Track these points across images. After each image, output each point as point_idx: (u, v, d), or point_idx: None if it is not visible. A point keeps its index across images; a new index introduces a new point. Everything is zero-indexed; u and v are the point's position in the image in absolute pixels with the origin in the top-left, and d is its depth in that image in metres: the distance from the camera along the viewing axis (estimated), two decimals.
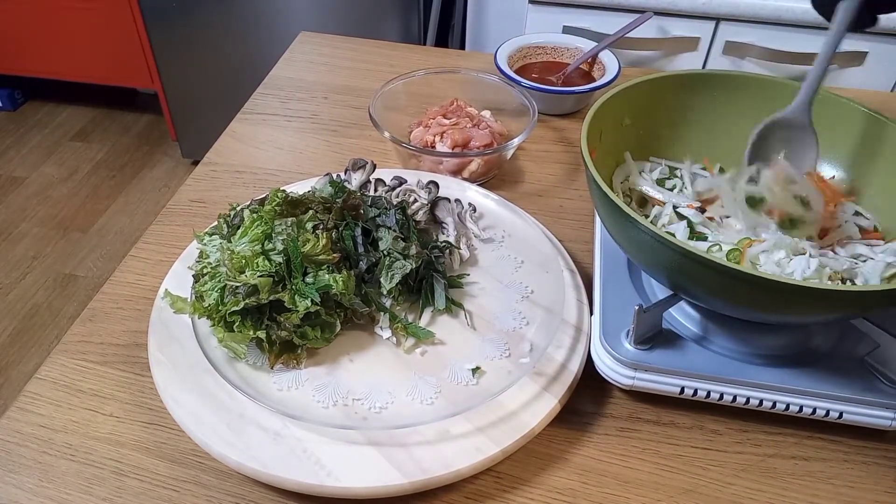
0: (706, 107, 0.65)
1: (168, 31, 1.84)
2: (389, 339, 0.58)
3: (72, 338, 0.61)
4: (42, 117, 2.46)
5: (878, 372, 0.53)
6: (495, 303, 0.62)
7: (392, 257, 0.59)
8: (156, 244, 0.71)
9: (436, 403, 0.53)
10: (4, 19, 2.14)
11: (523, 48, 0.96)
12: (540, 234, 0.67)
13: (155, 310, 0.59)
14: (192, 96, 1.98)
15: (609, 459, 0.53)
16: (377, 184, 0.71)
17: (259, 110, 0.92)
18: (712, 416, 0.56)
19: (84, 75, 2.26)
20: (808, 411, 0.52)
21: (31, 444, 0.53)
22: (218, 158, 0.83)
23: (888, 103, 0.98)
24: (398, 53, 1.05)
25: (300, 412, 0.51)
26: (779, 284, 0.43)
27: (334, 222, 0.59)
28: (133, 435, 0.54)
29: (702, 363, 0.53)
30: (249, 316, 0.54)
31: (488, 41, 1.56)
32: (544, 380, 0.54)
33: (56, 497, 0.50)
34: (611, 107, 0.59)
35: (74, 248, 1.96)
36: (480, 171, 0.77)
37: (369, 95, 0.81)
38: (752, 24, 1.31)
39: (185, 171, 2.21)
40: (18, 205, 2.09)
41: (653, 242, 0.47)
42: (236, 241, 0.57)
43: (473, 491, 0.51)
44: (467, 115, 0.81)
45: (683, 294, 0.53)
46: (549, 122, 0.90)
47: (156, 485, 0.51)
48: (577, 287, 0.62)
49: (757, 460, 0.53)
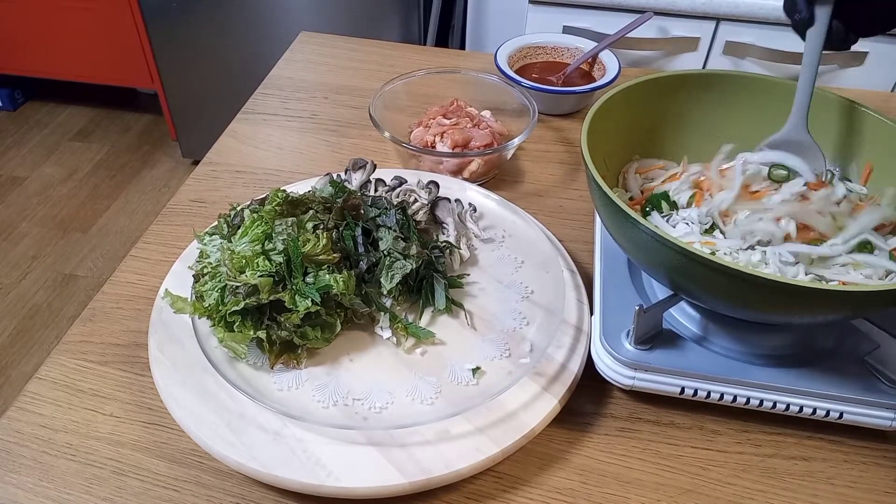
0: (706, 107, 0.65)
1: (168, 31, 1.84)
2: (389, 339, 0.58)
3: (72, 338, 0.61)
4: (42, 117, 2.46)
5: (878, 372, 0.53)
6: (495, 303, 0.62)
7: (392, 257, 0.59)
8: (156, 244, 0.71)
9: (436, 403, 0.53)
10: (4, 19, 2.14)
11: (523, 48, 0.96)
12: (540, 234, 0.67)
13: (155, 310, 0.59)
14: (192, 96, 1.98)
15: (609, 459, 0.53)
16: (377, 184, 0.71)
17: (259, 110, 0.92)
18: (712, 417, 0.56)
19: (84, 75, 2.26)
20: (808, 411, 0.52)
21: (31, 443, 0.53)
22: (218, 158, 0.83)
23: (888, 103, 0.98)
24: (398, 53, 1.05)
25: (300, 412, 0.51)
26: (779, 284, 0.43)
27: (334, 222, 0.59)
28: (133, 435, 0.54)
29: (702, 363, 0.53)
30: (250, 316, 0.54)
31: (488, 41, 1.56)
32: (544, 380, 0.54)
33: (56, 497, 0.50)
34: (611, 107, 0.59)
35: (74, 248, 1.96)
36: (480, 171, 0.77)
37: (369, 95, 0.81)
38: (752, 24, 1.31)
39: (185, 171, 2.21)
40: (18, 205, 2.09)
41: (653, 242, 0.47)
42: (236, 241, 0.57)
43: (473, 491, 0.51)
44: (467, 115, 0.81)
45: (683, 294, 0.53)
46: (549, 122, 0.90)
47: (156, 485, 0.51)
48: (577, 287, 0.62)
49: (757, 460, 0.53)
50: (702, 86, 0.64)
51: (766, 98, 0.63)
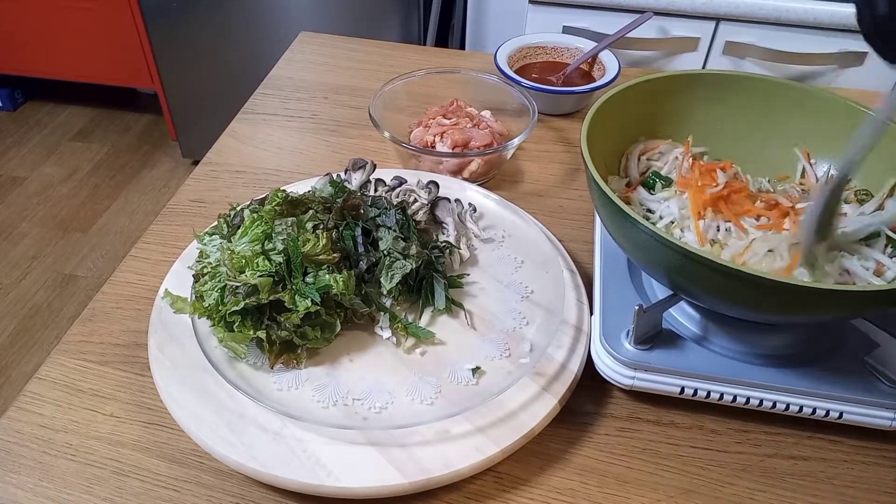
0: (706, 107, 0.65)
1: (168, 31, 1.84)
2: (389, 339, 0.58)
3: (72, 338, 0.61)
4: (42, 117, 2.46)
5: (878, 372, 0.53)
6: (495, 303, 0.62)
7: (392, 257, 0.59)
8: (156, 244, 0.71)
9: (436, 403, 0.53)
10: (4, 19, 2.14)
11: (523, 48, 0.96)
12: (540, 234, 0.67)
13: (155, 310, 0.59)
14: (192, 96, 1.98)
15: (609, 459, 0.53)
16: (377, 184, 0.71)
17: (259, 110, 0.92)
18: (712, 416, 0.56)
19: (84, 75, 2.26)
20: (808, 411, 0.52)
21: (31, 443, 0.53)
22: (218, 158, 0.83)
23: None
24: (398, 53, 1.05)
25: (300, 412, 0.51)
26: (779, 284, 0.43)
27: (334, 222, 0.59)
28: (133, 435, 0.54)
29: (702, 363, 0.53)
30: (249, 316, 0.54)
31: (488, 41, 1.56)
32: (544, 380, 0.54)
33: (56, 497, 0.50)
34: (611, 107, 0.59)
35: (74, 248, 1.96)
36: (480, 171, 0.77)
37: (369, 95, 0.81)
38: (752, 24, 1.31)
39: (185, 171, 2.21)
40: (18, 205, 2.09)
41: (653, 242, 0.47)
42: (236, 240, 0.57)
43: (473, 491, 0.51)
44: (467, 115, 0.81)
45: (683, 294, 0.53)
46: (549, 122, 0.90)
47: (156, 485, 0.51)
48: (577, 287, 0.62)
49: (757, 460, 0.53)
50: (702, 86, 0.64)
51: (766, 98, 0.63)
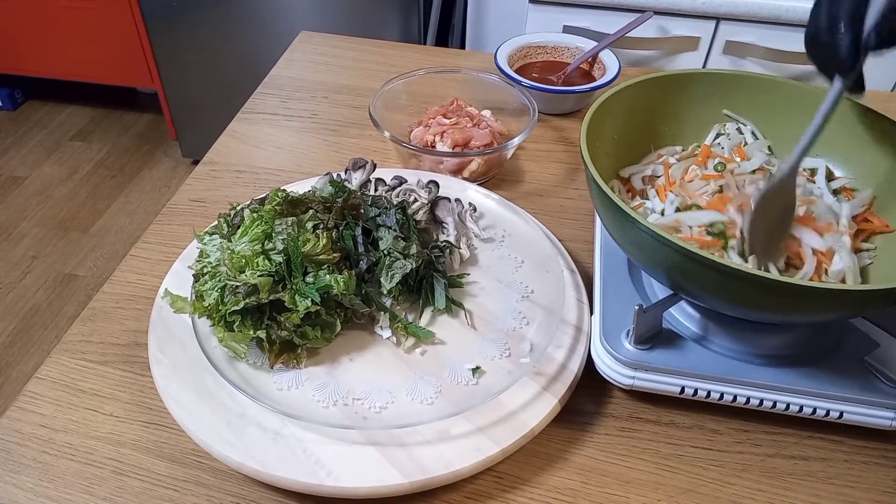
0: (706, 107, 0.65)
1: (168, 31, 1.84)
2: (389, 339, 0.58)
3: (72, 337, 0.61)
4: (42, 117, 2.46)
5: (878, 372, 0.53)
6: (495, 302, 0.62)
7: (392, 257, 0.59)
8: (156, 244, 0.71)
9: (436, 403, 0.53)
10: (4, 19, 2.14)
11: (523, 48, 0.96)
12: (540, 233, 0.67)
13: (155, 309, 0.59)
14: (192, 96, 1.98)
15: (609, 459, 0.53)
16: (377, 183, 0.71)
17: (259, 110, 0.92)
18: (712, 416, 0.56)
19: (84, 75, 2.26)
20: (808, 411, 0.52)
21: (31, 443, 0.53)
22: (218, 158, 0.83)
23: (888, 103, 0.98)
24: (398, 53, 1.05)
25: (300, 412, 0.51)
26: (779, 284, 0.43)
27: (334, 222, 0.59)
28: (133, 435, 0.54)
29: (702, 363, 0.53)
30: (249, 316, 0.54)
31: (488, 41, 1.56)
32: (544, 379, 0.54)
33: (56, 497, 0.50)
34: (611, 106, 0.59)
35: (74, 248, 1.96)
36: (480, 171, 0.77)
37: (369, 95, 0.81)
38: (752, 24, 1.31)
39: (185, 171, 2.21)
40: (18, 205, 2.09)
41: (653, 242, 0.47)
42: (236, 240, 0.57)
43: (473, 491, 0.51)
44: (467, 115, 0.81)
45: (683, 294, 0.53)
46: (549, 121, 0.90)
47: (156, 484, 0.51)
48: (577, 287, 0.62)
49: (757, 460, 0.53)
50: (702, 86, 0.64)
51: (766, 98, 0.63)
